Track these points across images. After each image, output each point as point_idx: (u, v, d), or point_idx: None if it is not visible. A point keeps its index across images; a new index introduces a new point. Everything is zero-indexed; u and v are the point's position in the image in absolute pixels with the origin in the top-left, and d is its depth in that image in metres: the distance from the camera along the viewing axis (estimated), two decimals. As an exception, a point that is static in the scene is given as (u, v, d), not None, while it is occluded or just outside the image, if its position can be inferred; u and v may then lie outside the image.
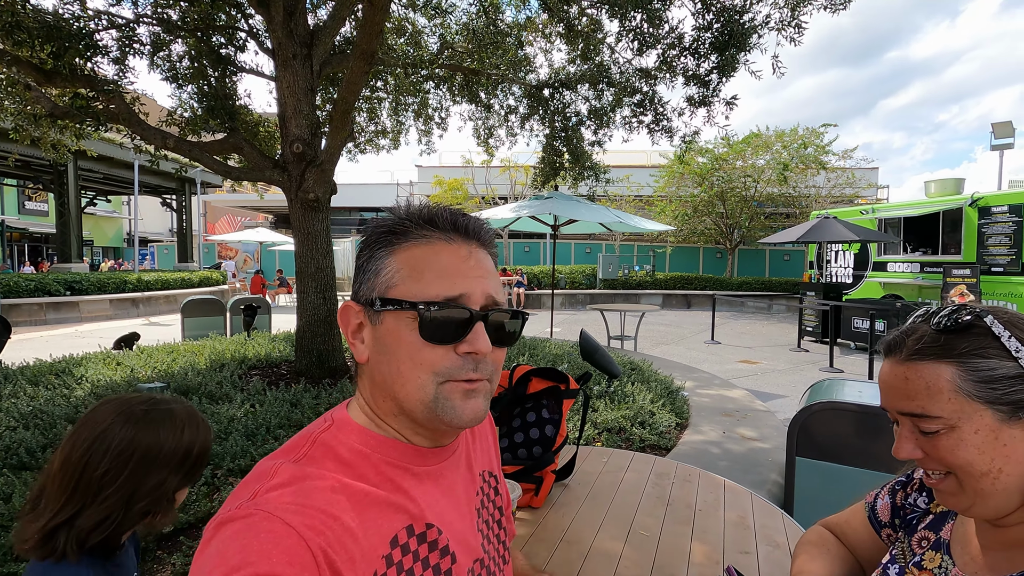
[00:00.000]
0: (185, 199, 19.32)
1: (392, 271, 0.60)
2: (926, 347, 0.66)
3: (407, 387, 0.58)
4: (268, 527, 0.47)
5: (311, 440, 0.59)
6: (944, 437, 0.64)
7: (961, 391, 0.63)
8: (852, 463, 2.38)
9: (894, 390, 0.69)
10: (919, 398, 0.65)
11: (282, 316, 11.11)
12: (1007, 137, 13.82)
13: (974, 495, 0.65)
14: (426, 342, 0.57)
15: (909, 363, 0.67)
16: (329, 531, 0.50)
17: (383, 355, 0.60)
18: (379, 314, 0.60)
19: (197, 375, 4.45)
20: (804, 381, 6.67)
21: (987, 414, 0.62)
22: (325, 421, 0.62)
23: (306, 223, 4.65)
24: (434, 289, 0.58)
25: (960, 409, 0.63)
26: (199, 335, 7.02)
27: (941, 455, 0.65)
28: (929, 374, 0.65)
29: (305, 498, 0.51)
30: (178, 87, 5.56)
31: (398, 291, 0.59)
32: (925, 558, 0.76)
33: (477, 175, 20.89)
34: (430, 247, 0.61)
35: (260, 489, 0.52)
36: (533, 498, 1.49)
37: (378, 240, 0.63)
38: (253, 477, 0.55)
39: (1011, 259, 8.68)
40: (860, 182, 19.07)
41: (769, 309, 15.65)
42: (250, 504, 0.50)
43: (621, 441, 3.48)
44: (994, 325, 0.65)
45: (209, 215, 30.39)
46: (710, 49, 4.87)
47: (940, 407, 0.64)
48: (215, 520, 0.50)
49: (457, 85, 6.87)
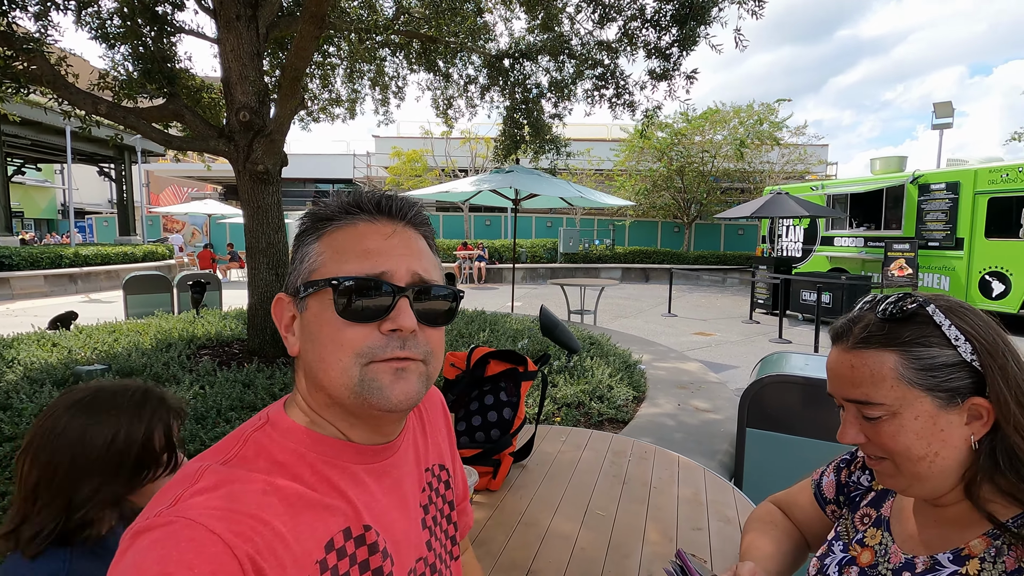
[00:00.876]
0: (125, 168, 18.21)
1: (315, 255, 0.59)
2: (871, 335, 0.67)
3: (331, 372, 0.55)
4: (190, 535, 0.44)
5: (243, 439, 0.55)
6: (886, 423, 0.66)
7: (903, 379, 0.64)
8: (799, 433, 2.48)
9: (840, 377, 0.70)
10: (864, 385, 0.67)
11: (234, 292, 10.72)
12: (947, 117, 14.48)
13: (911, 478, 0.67)
14: (346, 321, 0.55)
15: (855, 351, 0.68)
16: (258, 537, 0.47)
17: (309, 343, 0.58)
18: (304, 300, 0.58)
19: (142, 356, 4.25)
20: (755, 352, 6.94)
21: (926, 401, 0.64)
22: (260, 419, 0.59)
23: (255, 196, 4.44)
24: (353, 267, 0.57)
25: (902, 396, 0.65)
26: (143, 313, 6.69)
27: (882, 440, 0.67)
28: (873, 362, 0.66)
29: (232, 502, 0.48)
30: (109, 47, 5.14)
31: (319, 274, 0.58)
32: (867, 535, 0.79)
33: (437, 147, 20.45)
34: (354, 228, 0.59)
35: (183, 494, 0.48)
36: (491, 481, 1.48)
37: (306, 230, 0.61)
38: (176, 480, 0.51)
39: (946, 234, 9.19)
40: (811, 158, 19.70)
41: (724, 282, 16.13)
42: (170, 511, 0.46)
43: (580, 416, 3.54)
44: (935, 314, 0.66)
45: (152, 185, 28.82)
46: (671, 22, 4.84)
47: (883, 394, 0.65)
48: (131, 529, 0.46)
49: (415, 53, 6.62)
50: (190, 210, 17.30)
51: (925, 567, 0.68)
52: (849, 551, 0.79)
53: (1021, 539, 0.61)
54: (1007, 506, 0.64)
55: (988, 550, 0.64)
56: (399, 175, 20.47)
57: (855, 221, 11.18)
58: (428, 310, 0.59)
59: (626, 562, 1.16)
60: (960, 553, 0.66)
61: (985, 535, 0.65)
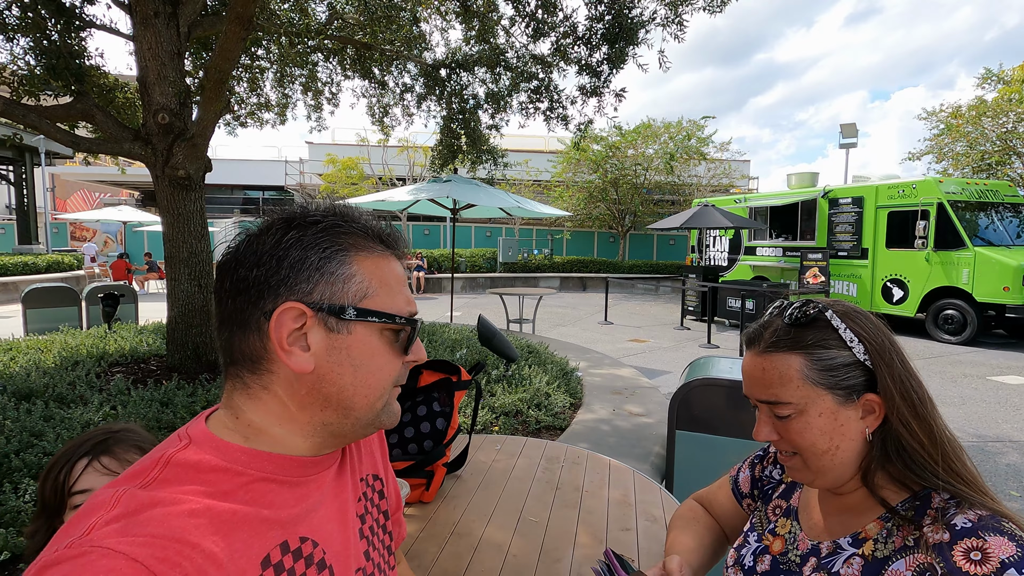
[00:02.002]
0: (26, 171, 16.65)
1: (363, 280, 0.58)
2: (780, 340, 0.73)
3: (370, 396, 0.58)
4: (108, 566, 0.40)
5: (163, 462, 0.51)
6: (794, 420, 0.72)
7: (807, 379, 0.70)
8: (724, 433, 2.61)
9: (753, 380, 0.76)
10: (773, 386, 0.72)
11: (152, 304, 10.03)
12: (852, 137, 15.77)
13: (816, 471, 0.73)
14: (396, 354, 0.60)
15: (765, 355, 0.74)
16: (187, 562, 0.43)
17: (346, 366, 0.57)
18: (347, 323, 0.57)
19: (43, 375, 3.89)
20: (686, 357, 7.23)
21: (828, 398, 0.70)
22: (180, 440, 0.54)
23: (175, 203, 4.19)
24: (403, 305, 0.61)
25: (807, 395, 0.71)
26: (47, 329, 6.13)
27: (792, 437, 0.73)
28: (782, 364, 0.72)
29: (156, 527, 0.44)
30: (7, 39, 4.72)
31: (375, 302, 0.58)
32: (778, 524, 0.84)
33: (374, 154, 20.10)
34: (386, 262, 0.61)
35: (96, 522, 0.43)
36: (424, 493, 1.46)
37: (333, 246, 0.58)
38: (87, 509, 0.46)
39: (853, 244, 9.97)
40: (735, 173, 20.89)
41: (657, 291, 16.75)
42: (83, 540, 0.42)
43: (518, 424, 3.56)
44: (833, 318, 0.72)
45: (59, 190, 26.56)
46: (602, 40, 5.02)
47: (790, 393, 0.71)
48: (36, 564, 0.41)
49: (349, 59, 6.50)
50: (102, 217, 16.04)
51: (828, 551, 0.74)
52: (763, 540, 0.84)
53: (907, 520, 0.67)
54: (897, 491, 0.71)
55: (881, 532, 0.70)
56: (334, 182, 19.93)
57: (774, 232, 11.94)
58: None
59: (557, 566, 1.17)
60: (858, 536, 0.72)
61: (879, 519, 0.71)
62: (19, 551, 2.00)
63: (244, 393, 0.57)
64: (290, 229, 0.57)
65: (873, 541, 0.70)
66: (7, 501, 2.23)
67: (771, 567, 0.80)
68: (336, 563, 0.58)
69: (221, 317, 0.58)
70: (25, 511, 2.19)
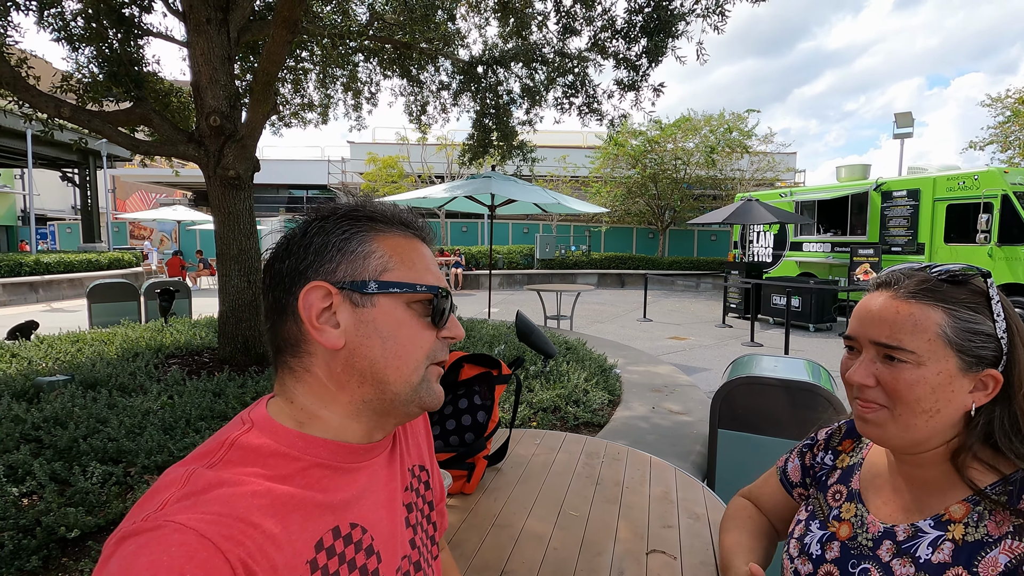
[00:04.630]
0: (89, 173, 17.65)
1: (383, 256, 0.61)
2: (928, 290, 0.71)
3: (403, 368, 0.59)
4: (180, 539, 0.43)
5: (228, 443, 0.54)
6: (907, 371, 0.69)
7: (942, 335, 0.68)
8: (768, 433, 2.54)
9: (880, 320, 0.72)
10: (903, 332, 0.69)
11: (205, 300, 10.48)
12: (907, 127, 15.03)
13: (903, 427, 0.70)
14: (427, 325, 0.61)
15: (905, 300, 0.71)
16: (249, 540, 0.46)
17: (375, 339, 0.59)
18: (371, 297, 0.59)
19: (107, 366, 4.13)
20: (727, 355, 7.07)
21: (953, 361, 0.68)
22: (243, 423, 0.58)
23: (226, 202, 4.37)
24: (427, 278, 0.62)
25: (934, 351, 0.68)
26: (109, 322, 6.49)
27: (897, 387, 0.69)
28: (920, 313, 0.69)
29: (222, 506, 0.47)
30: (73, 49, 5.01)
31: (395, 275, 0.60)
32: (842, 510, 0.82)
33: (413, 153, 20.39)
34: (410, 242, 0.64)
35: (170, 498, 0.47)
36: (465, 484, 1.48)
37: (357, 225, 0.62)
38: (161, 485, 0.50)
39: (908, 240, 9.52)
40: (780, 166, 20.21)
41: (697, 287, 16.40)
42: (158, 515, 0.45)
43: (556, 420, 3.56)
44: (991, 287, 0.71)
45: (119, 191, 28.05)
46: (640, 33, 4.94)
47: (917, 343, 0.68)
48: (116, 534, 0.45)
49: (388, 58, 6.61)
50: (158, 216, 16.88)
51: (907, 535, 0.71)
52: (828, 527, 0.82)
53: (999, 504, 0.65)
54: (983, 472, 0.68)
55: (971, 515, 0.67)
56: (375, 181, 20.33)
57: (822, 227, 11.51)
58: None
59: (598, 560, 1.18)
60: (941, 519, 0.69)
61: (965, 500, 0.68)
62: (88, 529, 2.14)
63: (292, 377, 0.60)
64: (314, 221, 0.62)
65: (963, 524, 0.67)
66: (76, 482, 2.38)
67: (841, 553, 0.78)
68: (383, 550, 0.60)
69: (266, 311, 0.63)
70: (93, 492, 2.33)
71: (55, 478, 2.45)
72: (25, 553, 1.95)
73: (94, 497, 2.30)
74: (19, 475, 2.44)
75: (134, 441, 2.78)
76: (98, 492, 2.34)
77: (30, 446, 2.74)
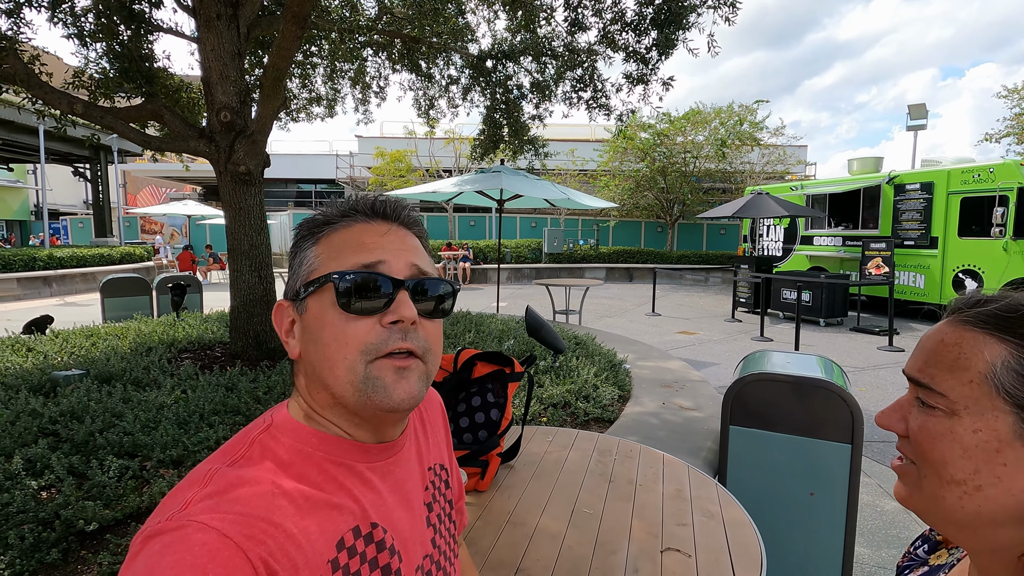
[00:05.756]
0: (101, 168, 17.81)
1: (313, 257, 0.61)
2: (992, 314, 0.50)
3: (336, 370, 0.57)
4: (203, 539, 0.44)
5: (249, 442, 0.56)
6: (936, 421, 0.51)
7: (992, 378, 0.48)
8: (781, 430, 2.53)
9: (919, 348, 0.56)
10: (938, 365, 0.52)
11: (215, 294, 10.56)
12: (921, 118, 14.81)
13: (932, 500, 0.52)
14: (349, 316, 0.57)
15: (958, 326, 0.52)
16: (270, 540, 0.47)
17: (311, 344, 0.59)
18: (303, 302, 0.60)
19: (121, 360, 4.17)
20: (737, 350, 7.04)
21: (1005, 418, 0.47)
22: (264, 422, 0.59)
23: (237, 197, 4.39)
24: (352, 261, 0.59)
25: (975, 398, 0.48)
26: (122, 316, 6.56)
27: (920, 439, 0.52)
28: (969, 344, 0.50)
29: (243, 506, 0.48)
30: (83, 45, 5.04)
31: (317, 273, 0.60)
32: None
33: (421, 147, 20.38)
34: (350, 230, 0.62)
35: (193, 497, 0.48)
36: (479, 482, 1.49)
37: (303, 236, 0.63)
38: (186, 484, 0.51)
39: (921, 233, 9.40)
40: (790, 159, 20.01)
41: (706, 281, 16.32)
42: (181, 514, 0.46)
43: (566, 416, 3.56)
44: None
45: (130, 186, 28.29)
46: (651, 25, 4.89)
47: (951, 385, 0.50)
48: (142, 533, 0.46)
49: (397, 53, 6.60)
50: (169, 211, 17.00)
51: None
52: None
53: None
54: None
55: None
56: (383, 175, 20.35)
57: (833, 221, 11.39)
58: (426, 303, 0.61)
59: (612, 558, 1.18)
60: None
61: None
62: (106, 522, 2.17)
63: (300, 380, 0.63)
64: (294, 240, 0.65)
65: None
66: (94, 476, 2.41)
67: None
68: (404, 549, 0.61)
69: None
70: (110, 486, 2.36)
71: (73, 472, 2.48)
72: (45, 546, 1.98)
73: (111, 491, 2.33)
74: (38, 468, 2.48)
75: (149, 435, 2.81)
76: (115, 486, 2.36)
77: (48, 440, 2.78)
